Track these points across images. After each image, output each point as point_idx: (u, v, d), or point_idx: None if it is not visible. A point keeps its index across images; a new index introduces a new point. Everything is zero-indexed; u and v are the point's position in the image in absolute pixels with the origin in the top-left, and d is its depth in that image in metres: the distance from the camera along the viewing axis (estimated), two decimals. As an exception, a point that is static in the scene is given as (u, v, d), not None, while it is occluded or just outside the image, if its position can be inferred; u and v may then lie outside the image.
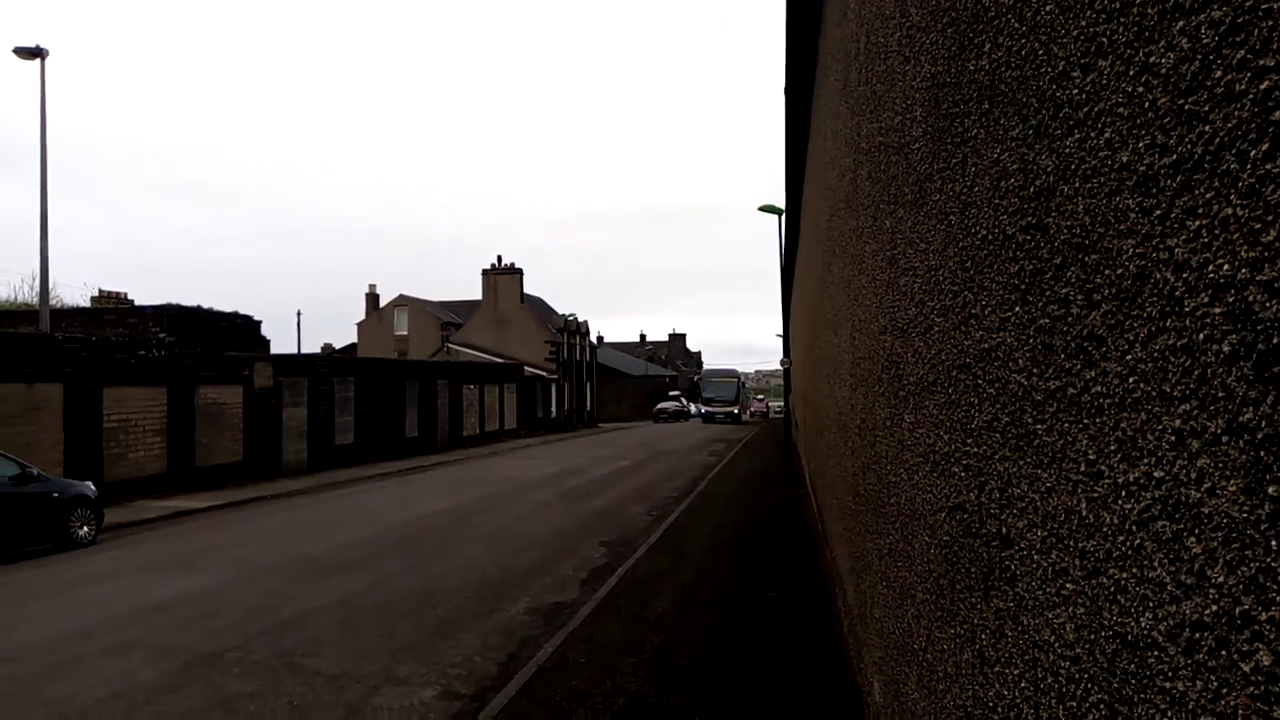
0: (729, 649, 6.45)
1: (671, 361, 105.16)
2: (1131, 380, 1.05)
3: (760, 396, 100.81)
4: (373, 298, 62.06)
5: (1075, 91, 1.21)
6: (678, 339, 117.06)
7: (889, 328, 3.05)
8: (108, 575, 9.76)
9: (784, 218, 22.06)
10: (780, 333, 35.38)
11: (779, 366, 26.57)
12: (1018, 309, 1.49)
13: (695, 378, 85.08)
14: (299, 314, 63.04)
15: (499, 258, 53.33)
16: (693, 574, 9.14)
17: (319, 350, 56.85)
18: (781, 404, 52.86)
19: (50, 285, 18.36)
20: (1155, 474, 1.00)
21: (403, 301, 60.68)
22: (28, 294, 32.42)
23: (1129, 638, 1.06)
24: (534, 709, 5.29)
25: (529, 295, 54.79)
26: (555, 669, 6.02)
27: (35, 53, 17.41)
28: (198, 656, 6.53)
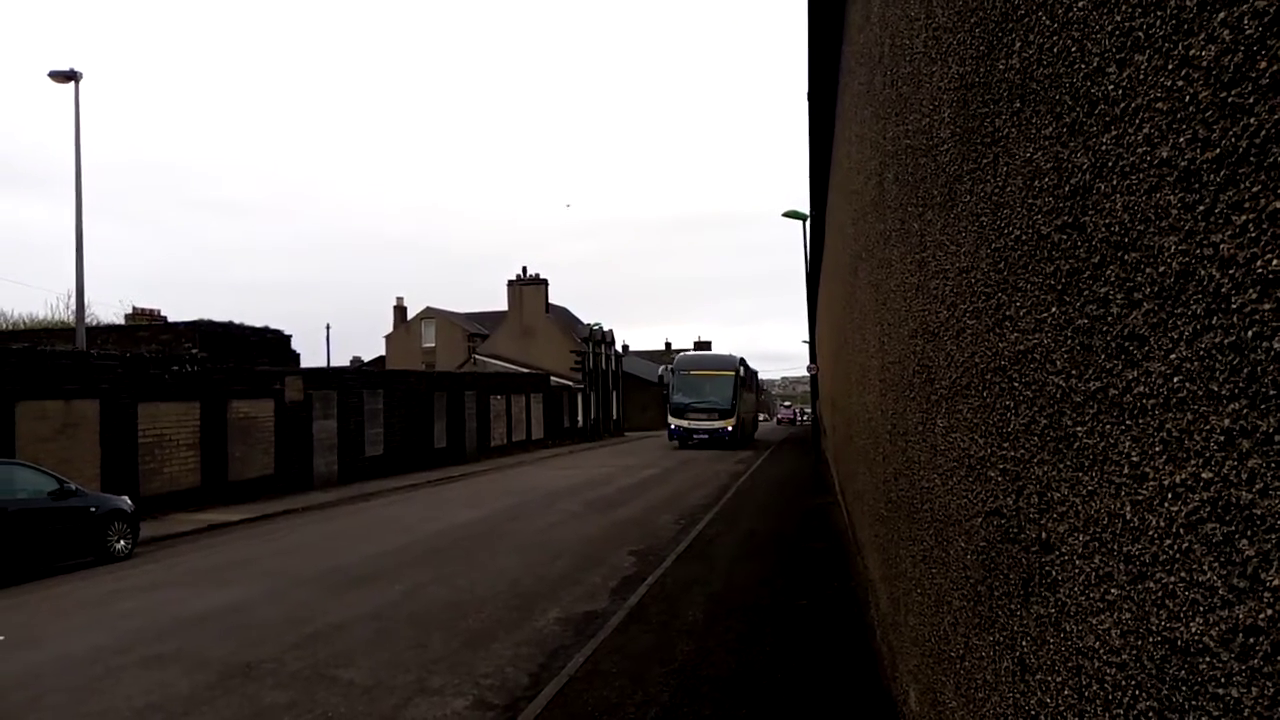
0: (761, 658, 6.40)
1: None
2: (1176, 380, 1.03)
3: (787, 403, 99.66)
4: (400, 310, 62.64)
5: (1111, 87, 1.19)
6: (702, 347, 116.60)
7: (919, 331, 3.02)
8: (145, 588, 9.91)
9: (809, 223, 21.98)
10: (806, 338, 35.25)
11: (806, 372, 26.44)
12: (1054, 309, 1.47)
13: (661, 370, 45.46)
14: (328, 328, 63.79)
15: (524, 268, 53.63)
16: (722, 582, 9.09)
17: (348, 363, 57.44)
18: (809, 410, 51.53)
19: (86, 303, 18.76)
20: (1204, 475, 0.98)
21: (430, 314, 61.16)
22: (64, 312, 33.11)
23: (1179, 643, 1.04)
24: (566, 719, 5.28)
25: (554, 305, 55.00)
26: (587, 679, 6.01)
27: (69, 76, 17.82)
28: (233, 668, 6.61)
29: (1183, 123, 1.00)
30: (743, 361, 39.64)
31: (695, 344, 77.78)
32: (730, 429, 35.25)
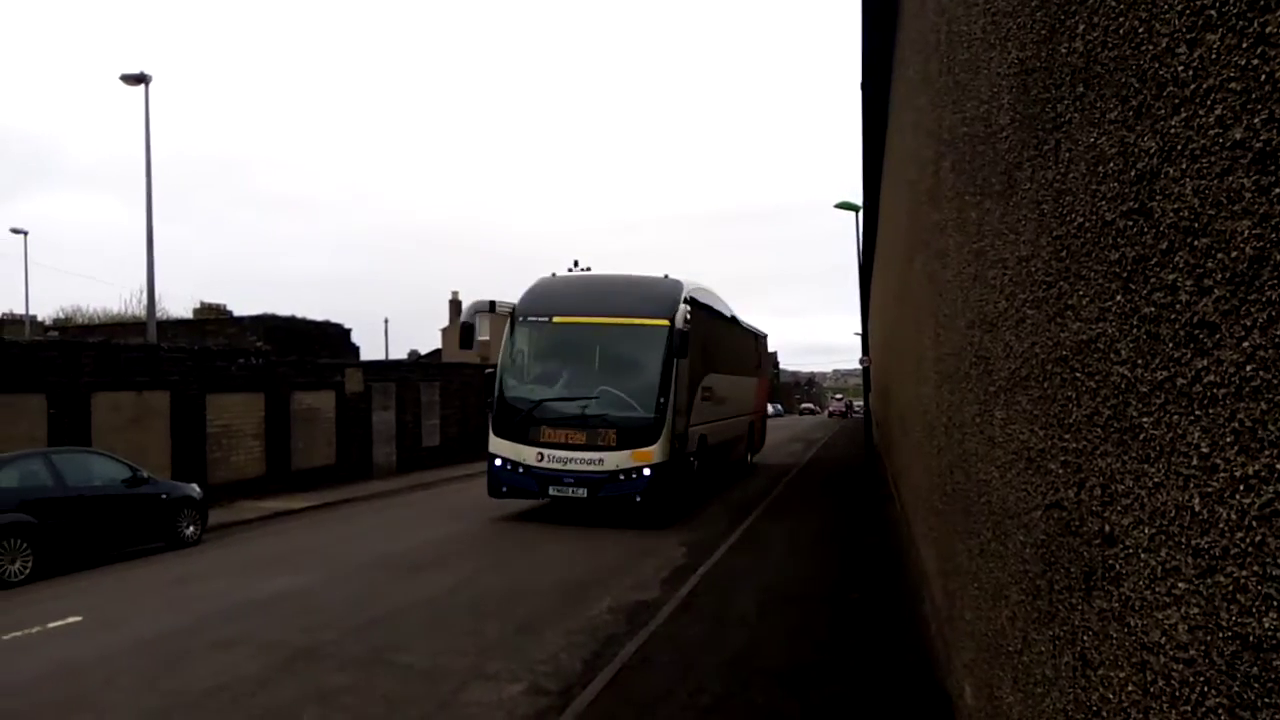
0: (812, 649, 6.37)
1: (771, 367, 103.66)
2: (1249, 368, 1.00)
3: (839, 395, 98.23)
4: (455, 305, 63.59)
5: (1180, 68, 1.16)
6: (764, 346, 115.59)
7: (976, 322, 2.96)
8: (213, 573, 10.27)
9: (861, 214, 21.67)
10: (858, 331, 34.69)
11: (858, 365, 26.05)
12: (1119, 298, 1.43)
13: (470, 314, 13.70)
14: (386, 321, 65.12)
15: (575, 261, 53.79)
16: (773, 574, 9.05)
17: (405, 356, 58.53)
18: (862, 403, 47.65)
19: (156, 298, 19.44)
20: (1278, 466, 0.95)
21: (484, 307, 61.93)
22: (136, 307, 34.39)
23: (1250, 639, 1.01)
24: (619, 706, 5.33)
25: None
26: (639, 667, 6.05)
27: (140, 79, 18.46)
28: (297, 651, 6.82)
29: (1258, 103, 0.97)
30: (694, 303, 13.81)
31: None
32: (651, 472, 12.51)
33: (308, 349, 22.35)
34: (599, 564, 10.06)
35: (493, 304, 13.67)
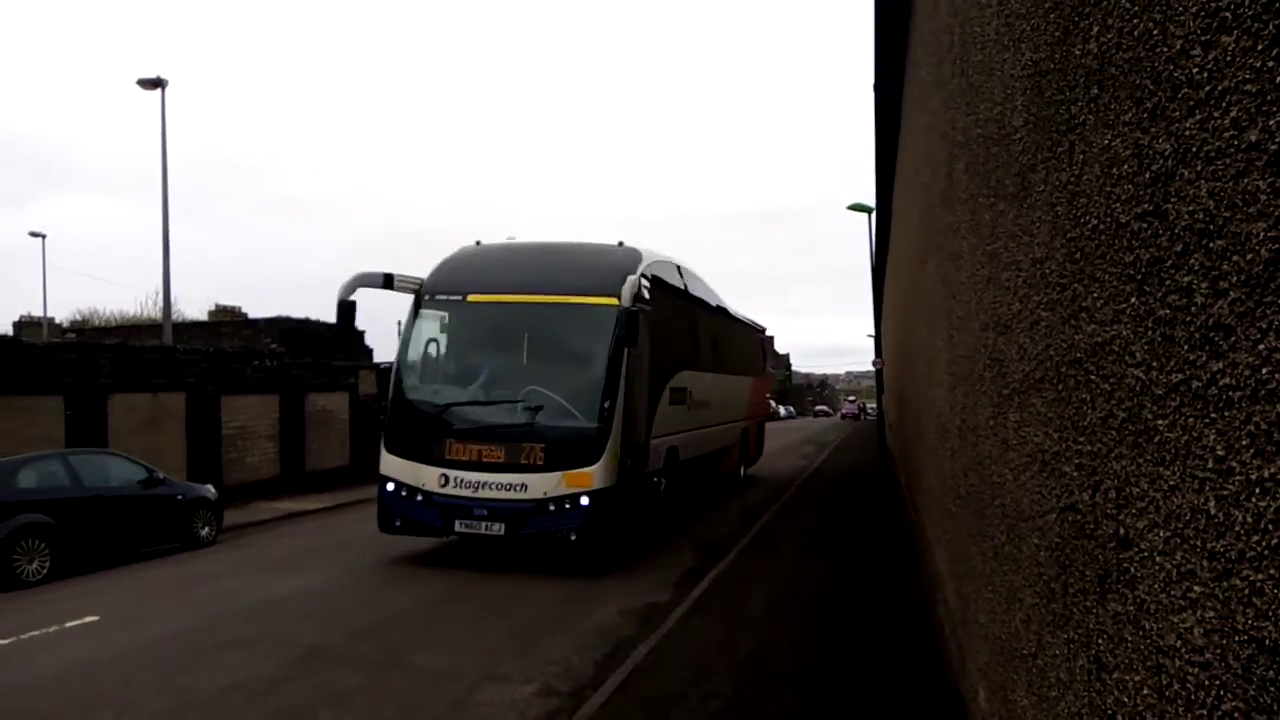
0: (824, 652, 6.36)
1: (773, 366, 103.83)
2: (1265, 371, 1.00)
3: (852, 398, 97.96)
4: (465, 306, 63.78)
5: (1195, 70, 1.16)
6: (765, 341, 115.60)
7: (990, 324, 2.95)
8: (228, 573, 10.34)
9: (874, 216, 21.61)
10: (871, 333, 34.58)
11: (871, 367, 25.95)
12: (1134, 300, 1.43)
13: (347, 293, 9.84)
14: (399, 324, 65.21)
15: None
16: (785, 577, 9.03)
17: (416, 358, 58.62)
18: (875, 405, 47.18)
19: (172, 300, 19.61)
20: (1294, 469, 0.95)
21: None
22: (152, 309, 34.64)
23: (1266, 642, 1.01)
24: (631, 707, 5.34)
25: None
26: (651, 669, 6.05)
27: (156, 83, 18.63)
28: (310, 651, 6.85)
29: (1273, 105, 0.97)
30: (657, 282, 11.12)
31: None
32: (591, 500, 9.23)
33: (321, 351, 22.48)
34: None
35: (389, 277, 10.32)
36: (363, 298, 10.13)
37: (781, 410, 66.51)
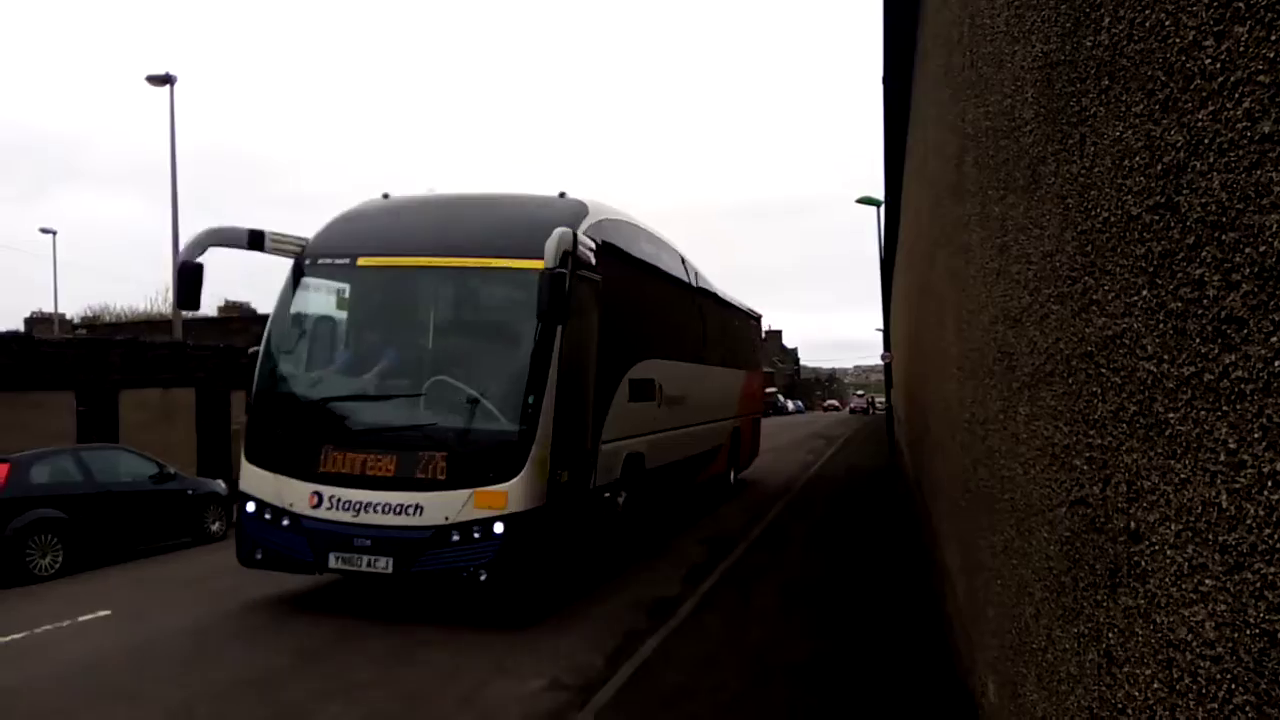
0: (832, 646, 6.36)
1: (768, 359, 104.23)
2: (1278, 364, 1.00)
3: (860, 392, 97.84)
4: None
5: (1208, 61, 1.15)
6: (773, 336, 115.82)
7: (1000, 318, 2.94)
8: (239, 568, 10.38)
9: (883, 209, 21.54)
10: (880, 327, 34.49)
11: (879, 361, 25.90)
12: (1145, 292, 1.42)
13: (190, 254, 7.86)
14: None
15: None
16: (794, 571, 9.04)
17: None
18: (883, 399, 46.90)
19: (182, 296, 19.69)
20: (1306, 462, 0.95)
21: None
22: (162, 305, 34.86)
23: (1278, 636, 1.01)
24: (640, 701, 5.35)
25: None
26: (659, 663, 6.07)
27: (165, 79, 18.70)
28: (322, 644, 6.89)
29: (1286, 96, 0.96)
30: (607, 248, 8.55)
31: (765, 332, 36.79)
32: (508, 528, 6.96)
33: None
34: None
35: (258, 234, 8.03)
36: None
37: (790, 405, 66.58)
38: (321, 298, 8.41)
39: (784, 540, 10.55)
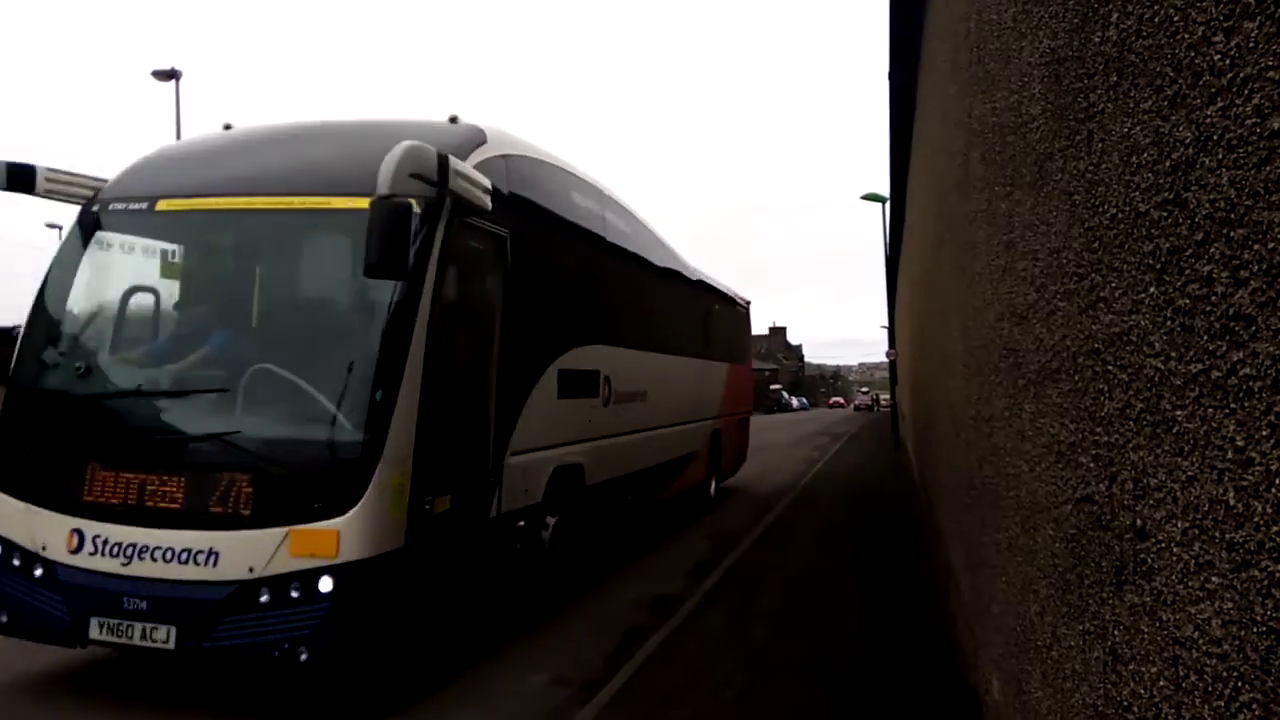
0: (836, 642, 6.37)
1: (772, 355, 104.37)
2: (1286, 360, 1.00)
3: (865, 389, 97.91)
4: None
5: (1217, 57, 1.14)
6: (778, 332, 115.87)
7: (1006, 314, 2.94)
8: None
9: (888, 206, 21.50)
10: (885, 324, 34.45)
11: (884, 358, 25.89)
12: (1153, 289, 1.42)
13: None
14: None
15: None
16: (798, 569, 9.04)
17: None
18: (888, 396, 47.09)
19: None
20: (1315, 459, 0.94)
21: None
22: None
23: (1285, 633, 1.01)
24: (643, 696, 5.36)
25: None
26: (663, 659, 6.08)
27: (170, 74, 18.74)
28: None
29: (1296, 92, 0.96)
30: (518, 200, 6.21)
31: (770, 329, 30.59)
32: (339, 584, 4.49)
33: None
34: None
35: (23, 172, 5.68)
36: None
37: (794, 402, 66.81)
38: (111, 257, 5.99)
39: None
